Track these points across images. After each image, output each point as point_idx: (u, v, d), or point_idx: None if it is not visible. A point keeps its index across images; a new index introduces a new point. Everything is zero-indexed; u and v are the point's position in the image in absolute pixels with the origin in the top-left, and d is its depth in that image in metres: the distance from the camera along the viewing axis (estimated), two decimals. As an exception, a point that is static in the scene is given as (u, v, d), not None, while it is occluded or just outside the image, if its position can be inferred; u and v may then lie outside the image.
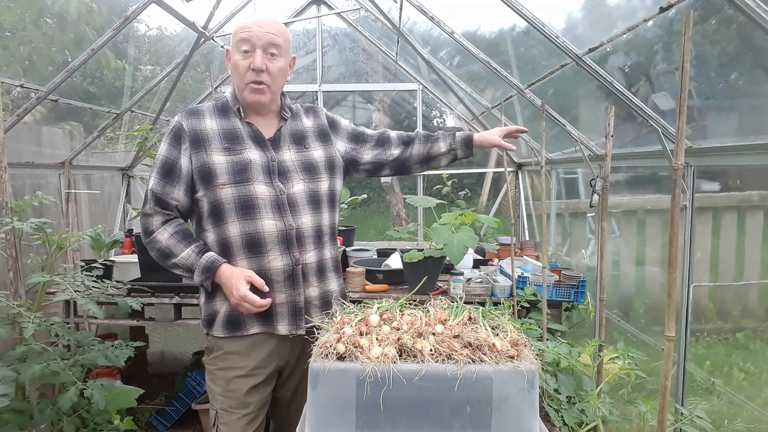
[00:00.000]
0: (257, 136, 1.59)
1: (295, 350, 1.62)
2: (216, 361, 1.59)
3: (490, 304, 1.39)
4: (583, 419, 1.98)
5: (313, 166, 1.63)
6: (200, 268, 1.50)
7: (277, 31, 1.53)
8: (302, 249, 1.57)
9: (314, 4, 4.30)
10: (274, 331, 1.56)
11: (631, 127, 2.55)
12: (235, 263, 1.54)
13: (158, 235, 1.54)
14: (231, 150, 1.54)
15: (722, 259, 2.43)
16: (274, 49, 1.53)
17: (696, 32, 1.75)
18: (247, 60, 1.51)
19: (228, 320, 1.56)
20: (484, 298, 2.61)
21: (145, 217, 1.56)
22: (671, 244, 1.28)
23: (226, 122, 1.59)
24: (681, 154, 1.25)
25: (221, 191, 1.51)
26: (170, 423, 3.00)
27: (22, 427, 1.87)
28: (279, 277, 1.55)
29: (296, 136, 1.65)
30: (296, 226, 1.56)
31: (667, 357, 1.33)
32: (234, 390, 1.56)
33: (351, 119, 2.04)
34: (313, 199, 1.60)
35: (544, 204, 2.53)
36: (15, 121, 2.69)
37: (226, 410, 1.56)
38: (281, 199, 1.55)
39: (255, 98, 1.55)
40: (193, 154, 1.53)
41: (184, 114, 1.58)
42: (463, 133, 1.80)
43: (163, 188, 1.54)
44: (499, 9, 2.37)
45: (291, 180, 1.58)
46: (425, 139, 1.80)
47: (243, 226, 1.52)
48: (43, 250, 2.63)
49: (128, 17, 2.61)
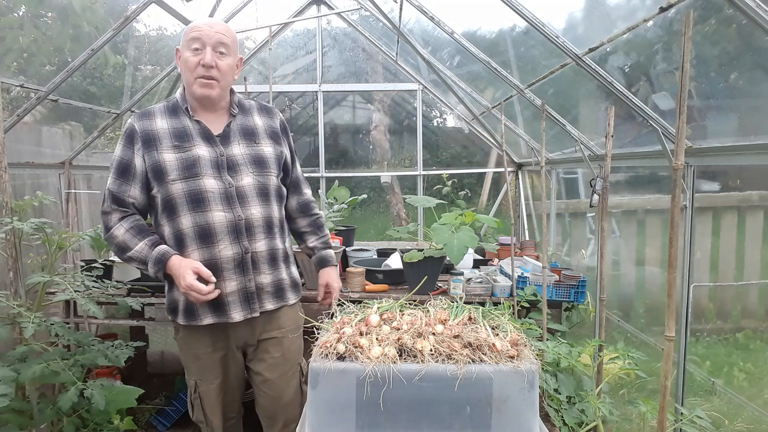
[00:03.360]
0: (206, 133, 1.67)
1: (255, 330, 1.74)
2: (182, 340, 1.75)
3: (490, 304, 1.40)
4: (583, 419, 1.98)
5: (263, 161, 1.72)
6: (152, 260, 1.60)
7: (226, 31, 1.65)
8: (252, 238, 1.67)
9: (314, 4, 4.30)
10: (228, 320, 1.66)
11: (631, 127, 2.55)
12: (188, 254, 1.63)
13: (115, 230, 1.65)
14: (180, 147, 1.63)
15: (722, 259, 2.43)
16: (223, 47, 1.63)
17: (696, 32, 1.75)
18: (197, 57, 1.61)
19: (185, 309, 1.68)
20: (484, 298, 2.61)
21: (104, 215, 1.68)
22: (671, 244, 1.28)
23: (176, 121, 1.67)
24: (681, 154, 1.25)
25: (172, 187, 1.61)
26: (170, 423, 2.99)
27: (22, 427, 1.87)
28: (229, 265, 1.64)
29: (246, 132, 1.74)
30: (245, 216, 1.65)
31: (667, 357, 1.33)
32: (205, 363, 1.73)
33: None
34: (262, 191, 1.70)
35: (544, 204, 2.53)
36: (15, 121, 2.69)
37: (201, 380, 1.75)
38: (230, 192, 1.64)
39: (204, 92, 1.63)
40: (146, 153, 1.63)
41: (136, 116, 1.69)
42: (322, 255, 1.97)
43: (120, 187, 1.65)
44: (499, 9, 2.37)
45: (240, 173, 1.67)
46: (308, 225, 1.95)
47: (194, 218, 1.61)
48: (43, 250, 2.63)
49: (128, 17, 2.61)
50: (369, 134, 5.28)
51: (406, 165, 5.07)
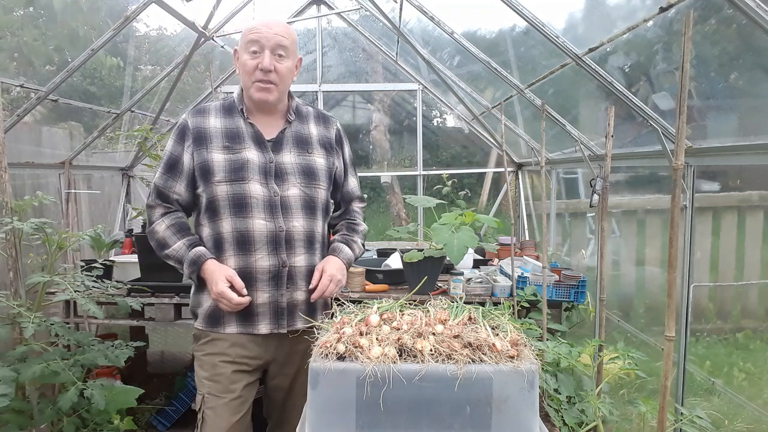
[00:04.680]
0: (258, 137, 1.62)
1: (282, 348, 1.65)
2: (203, 347, 1.63)
3: (490, 304, 1.40)
4: (583, 419, 1.98)
5: (313, 172, 1.66)
6: (188, 261, 1.56)
7: (285, 32, 1.59)
8: (291, 252, 1.60)
9: (314, 4, 4.30)
10: (255, 331, 1.59)
11: (631, 127, 2.55)
12: (224, 259, 1.59)
13: (157, 225, 1.62)
14: (230, 149, 1.59)
15: (722, 259, 2.43)
16: (282, 50, 1.58)
17: (696, 32, 1.75)
18: (255, 60, 1.56)
19: (209, 315, 1.61)
20: (484, 298, 2.61)
21: (148, 208, 1.65)
22: (671, 244, 1.28)
23: (230, 121, 1.63)
24: (681, 154, 1.25)
25: (217, 188, 1.56)
26: (170, 423, 2.99)
27: (22, 427, 1.87)
28: (264, 276, 1.58)
29: (299, 140, 1.68)
30: (286, 228, 1.59)
31: (667, 357, 1.33)
32: (220, 374, 1.58)
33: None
34: (307, 204, 1.63)
35: (544, 204, 2.53)
36: (15, 121, 2.69)
37: (213, 394, 1.58)
38: (274, 201, 1.59)
39: (262, 96, 1.58)
40: (195, 151, 1.59)
41: (191, 112, 1.65)
42: (333, 246, 1.75)
43: (166, 182, 1.62)
44: (499, 9, 2.37)
45: (287, 182, 1.61)
46: (341, 225, 1.84)
47: (235, 223, 1.57)
48: (43, 250, 2.63)
49: (128, 17, 2.61)
50: (369, 134, 5.27)
51: (406, 165, 5.06)
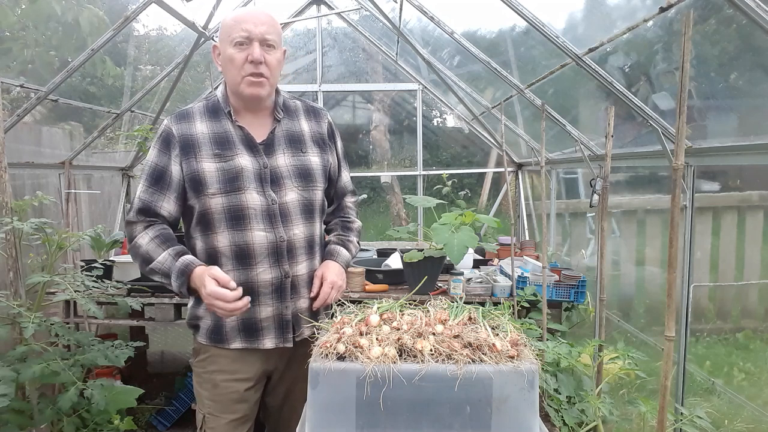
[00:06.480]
0: (248, 140, 1.50)
1: (283, 356, 1.59)
2: (203, 364, 1.55)
3: (490, 304, 1.40)
4: (583, 419, 1.98)
5: (309, 173, 1.55)
6: (176, 272, 1.40)
7: (271, 22, 1.47)
8: (293, 261, 1.52)
9: (314, 4, 4.30)
10: (260, 346, 1.52)
11: (631, 127, 2.55)
12: None
13: (139, 239, 1.46)
14: (221, 156, 1.46)
15: (722, 259, 2.43)
16: (270, 41, 1.46)
17: (696, 32, 1.75)
18: (244, 52, 1.43)
19: (213, 329, 1.52)
20: (484, 298, 2.61)
21: (128, 225, 1.50)
22: (671, 244, 1.28)
23: (217, 125, 1.50)
24: (681, 154, 1.25)
25: (211, 200, 1.45)
26: (170, 423, 3.00)
27: (22, 427, 1.87)
28: (266, 289, 1.49)
29: (291, 139, 1.57)
30: (287, 237, 1.50)
31: (667, 357, 1.33)
32: (222, 394, 1.51)
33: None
34: (306, 208, 1.54)
35: (544, 204, 2.53)
36: (15, 121, 2.69)
37: (213, 414, 1.52)
38: (273, 209, 1.49)
39: (254, 91, 1.46)
40: (184, 160, 1.46)
41: (173, 117, 1.50)
42: (329, 248, 1.67)
43: (152, 196, 1.47)
44: (499, 9, 2.37)
45: (284, 187, 1.51)
46: (334, 223, 1.75)
47: (232, 236, 1.46)
48: (43, 250, 2.62)
49: (128, 17, 2.61)
50: (369, 134, 5.27)
51: (406, 165, 5.06)
